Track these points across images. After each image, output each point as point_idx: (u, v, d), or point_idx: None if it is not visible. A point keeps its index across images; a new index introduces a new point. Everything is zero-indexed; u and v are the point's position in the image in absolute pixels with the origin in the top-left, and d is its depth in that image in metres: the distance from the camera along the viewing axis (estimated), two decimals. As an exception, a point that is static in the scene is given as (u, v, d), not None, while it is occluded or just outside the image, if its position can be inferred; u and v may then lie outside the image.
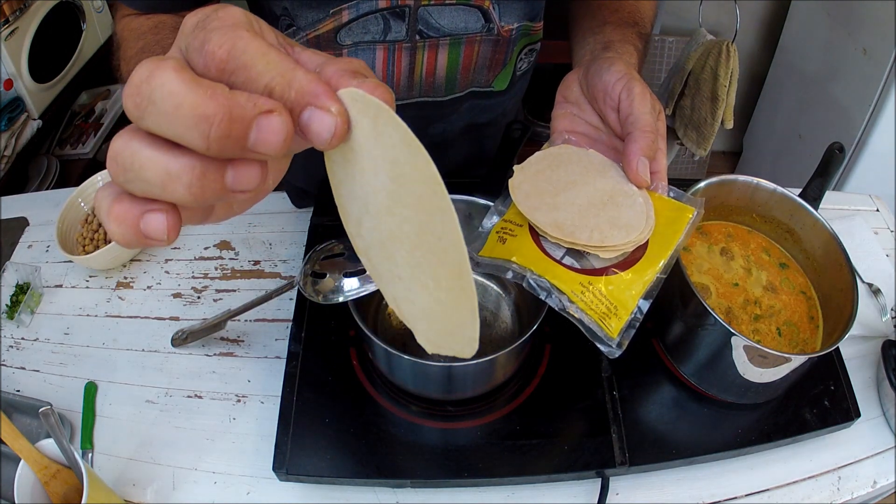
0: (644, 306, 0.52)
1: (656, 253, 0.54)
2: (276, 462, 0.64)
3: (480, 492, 0.66)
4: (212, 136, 0.24)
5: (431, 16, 0.69)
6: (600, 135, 0.61)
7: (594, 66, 0.59)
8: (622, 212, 0.54)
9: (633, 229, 0.53)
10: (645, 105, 0.55)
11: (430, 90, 0.76)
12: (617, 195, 0.55)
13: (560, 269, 0.53)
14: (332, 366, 0.71)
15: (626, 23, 0.68)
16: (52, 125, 1.75)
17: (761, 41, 2.05)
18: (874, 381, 0.75)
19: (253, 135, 0.25)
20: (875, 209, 0.95)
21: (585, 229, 0.53)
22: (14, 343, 0.82)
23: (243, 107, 0.25)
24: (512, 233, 0.57)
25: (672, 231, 0.55)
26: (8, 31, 1.41)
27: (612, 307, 0.52)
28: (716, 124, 1.85)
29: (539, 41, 0.81)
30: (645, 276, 0.53)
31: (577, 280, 0.53)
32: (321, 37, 0.69)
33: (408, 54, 0.71)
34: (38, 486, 0.60)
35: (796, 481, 0.67)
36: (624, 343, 0.52)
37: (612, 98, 0.57)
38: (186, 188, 0.25)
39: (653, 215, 0.54)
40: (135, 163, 0.25)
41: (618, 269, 0.53)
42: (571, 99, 0.63)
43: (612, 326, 0.51)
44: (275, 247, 0.90)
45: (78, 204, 0.91)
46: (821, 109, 1.73)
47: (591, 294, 0.52)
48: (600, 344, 0.52)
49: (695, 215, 0.56)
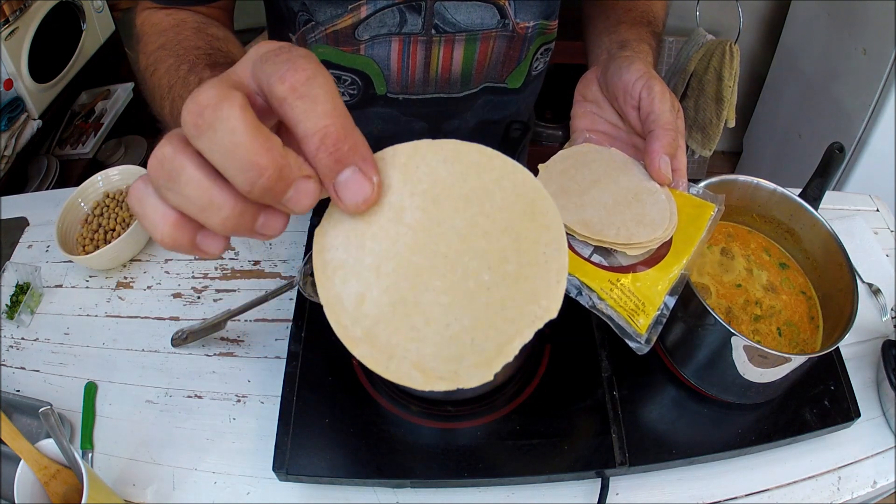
0: (670, 302, 0.53)
1: (680, 249, 0.55)
2: (276, 462, 0.64)
3: (480, 492, 0.66)
4: (258, 184, 0.26)
5: (447, 10, 0.69)
6: (620, 133, 0.62)
7: (613, 65, 0.60)
8: (647, 209, 0.55)
9: (658, 226, 0.53)
10: (665, 103, 0.56)
11: (445, 86, 0.77)
12: (641, 193, 0.56)
13: (589, 266, 0.54)
14: (332, 366, 0.71)
15: (641, 22, 0.68)
16: (52, 125, 1.76)
17: (762, 41, 2.04)
18: (874, 381, 0.75)
19: (290, 192, 0.27)
20: (875, 209, 0.95)
21: (612, 227, 0.54)
22: (14, 343, 0.82)
23: (291, 168, 0.27)
24: None
25: (695, 228, 0.56)
26: (8, 31, 1.41)
27: (640, 304, 0.53)
28: (721, 125, 1.86)
29: (553, 40, 0.81)
30: (670, 273, 0.54)
31: (606, 277, 0.54)
32: (339, 32, 0.69)
33: (423, 48, 0.72)
34: (38, 486, 0.60)
35: (796, 481, 0.67)
36: (652, 339, 0.52)
37: (632, 97, 0.57)
38: (222, 220, 0.27)
39: (675, 212, 0.55)
40: (181, 177, 0.26)
41: (644, 265, 0.54)
42: (590, 98, 0.63)
43: (640, 323, 0.52)
44: (275, 247, 0.90)
45: (78, 204, 0.91)
46: (821, 109, 1.73)
47: (619, 291, 0.53)
48: (629, 340, 0.53)
49: (716, 211, 0.57)
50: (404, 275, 0.29)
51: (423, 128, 0.82)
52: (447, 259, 0.29)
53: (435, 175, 0.29)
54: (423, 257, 0.29)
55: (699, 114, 1.92)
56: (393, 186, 0.29)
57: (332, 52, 0.71)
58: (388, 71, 0.74)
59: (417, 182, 0.29)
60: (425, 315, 0.28)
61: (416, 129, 0.82)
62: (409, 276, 0.29)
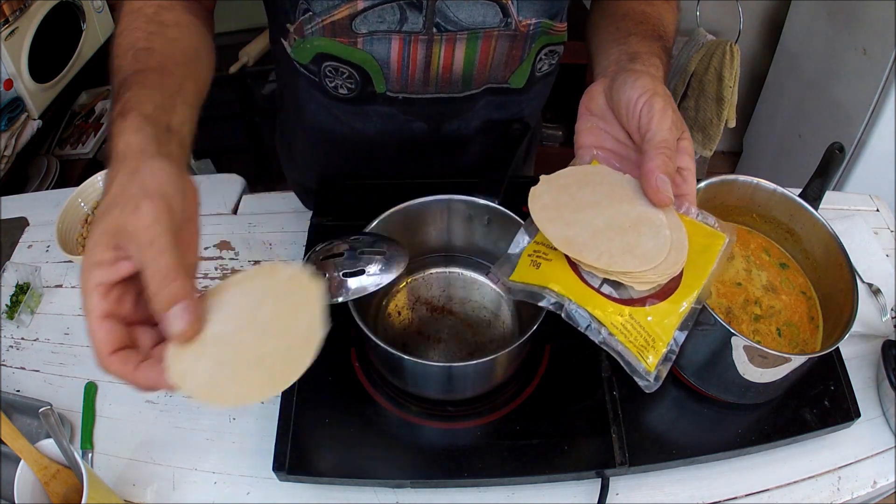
0: (680, 338, 0.51)
1: (691, 282, 0.52)
2: (276, 462, 0.64)
3: (480, 492, 0.66)
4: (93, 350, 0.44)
5: (449, 8, 0.68)
6: (629, 151, 0.58)
7: (619, 79, 0.57)
8: (641, 240, 0.51)
9: (650, 260, 0.50)
10: (665, 122, 0.53)
11: (446, 86, 0.76)
12: (641, 224, 0.52)
13: (600, 298, 0.51)
14: (332, 366, 0.71)
15: (652, 36, 0.66)
16: (52, 125, 1.75)
17: (761, 41, 2.05)
18: (874, 381, 0.75)
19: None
20: (875, 209, 0.95)
21: (594, 251, 0.51)
22: (14, 343, 0.82)
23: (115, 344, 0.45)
24: (546, 256, 0.54)
25: (705, 260, 0.53)
26: (8, 31, 1.41)
27: (650, 339, 0.50)
28: (721, 125, 1.86)
29: (562, 43, 0.79)
30: (680, 307, 0.51)
31: (617, 311, 0.51)
32: (336, 23, 0.69)
33: (424, 47, 0.71)
34: (38, 486, 0.60)
35: (796, 481, 0.67)
36: (661, 376, 0.50)
37: (633, 114, 0.55)
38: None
39: (686, 244, 0.52)
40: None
41: (656, 298, 0.51)
42: (596, 112, 0.60)
43: (650, 360, 0.50)
44: (275, 247, 0.90)
45: (78, 204, 0.91)
46: (821, 109, 1.73)
47: (630, 325, 0.51)
48: (638, 378, 0.50)
49: (727, 243, 0.54)
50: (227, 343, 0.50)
51: (423, 128, 0.81)
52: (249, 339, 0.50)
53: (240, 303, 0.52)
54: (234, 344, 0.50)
55: (699, 114, 1.92)
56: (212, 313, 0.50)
57: (329, 43, 0.71)
58: (387, 70, 0.73)
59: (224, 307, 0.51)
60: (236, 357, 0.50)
61: (416, 129, 0.81)
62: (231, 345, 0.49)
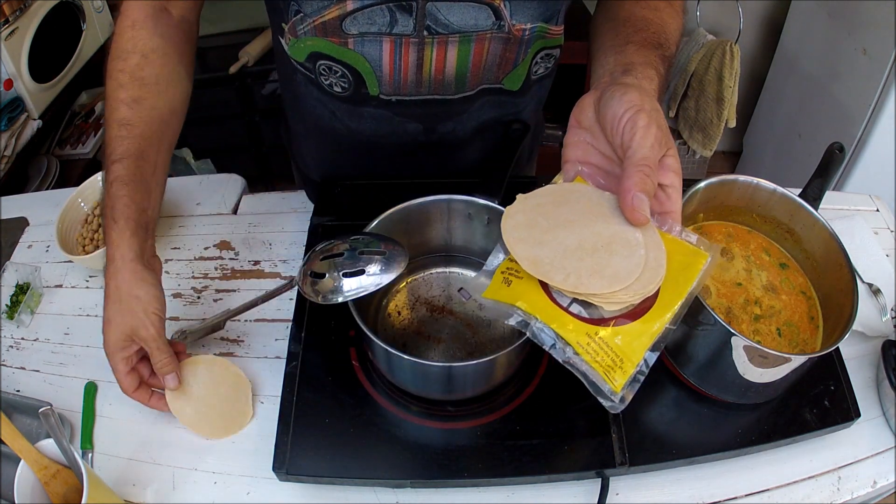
0: (651, 358, 0.50)
1: (667, 301, 0.51)
2: (276, 462, 0.64)
3: (480, 492, 0.66)
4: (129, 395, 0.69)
5: (440, 11, 0.68)
6: (615, 167, 0.57)
7: (608, 92, 0.56)
8: (613, 261, 0.50)
9: (620, 281, 0.49)
10: (647, 139, 0.52)
11: (439, 88, 0.76)
12: (615, 243, 0.52)
13: (567, 317, 0.51)
14: (332, 366, 0.71)
15: (651, 44, 0.65)
16: (52, 125, 1.75)
17: (761, 41, 2.05)
18: (874, 381, 0.75)
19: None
20: (875, 209, 0.95)
21: (561, 271, 0.50)
22: (14, 343, 0.82)
23: (144, 394, 0.70)
24: (517, 274, 0.54)
25: (684, 278, 0.52)
26: (8, 31, 1.41)
27: (618, 360, 0.49)
28: (721, 125, 1.86)
29: (558, 46, 0.79)
30: (653, 327, 0.50)
31: (584, 330, 0.50)
32: (327, 24, 0.69)
33: (415, 49, 0.71)
34: (38, 486, 0.60)
35: (796, 481, 0.67)
36: (627, 398, 0.49)
37: (617, 130, 0.54)
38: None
39: (664, 263, 0.51)
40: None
41: (628, 318, 0.50)
42: (586, 125, 0.59)
43: (616, 381, 0.49)
44: (275, 247, 0.90)
45: (78, 204, 0.91)
46: (821, 109, 1.73)
47: (596, 345, 0.50)
48: (602, 399, 0.49)
49: (708, 262, 0.52)
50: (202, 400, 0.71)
51: (417, 129, 0.81)
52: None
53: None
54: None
55: (700, 114, 1.92)
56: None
57: (321, 42, 0.71)
58: (380, 72, 0.73)
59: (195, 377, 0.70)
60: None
61: (410, 130, 0.81)
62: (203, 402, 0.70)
